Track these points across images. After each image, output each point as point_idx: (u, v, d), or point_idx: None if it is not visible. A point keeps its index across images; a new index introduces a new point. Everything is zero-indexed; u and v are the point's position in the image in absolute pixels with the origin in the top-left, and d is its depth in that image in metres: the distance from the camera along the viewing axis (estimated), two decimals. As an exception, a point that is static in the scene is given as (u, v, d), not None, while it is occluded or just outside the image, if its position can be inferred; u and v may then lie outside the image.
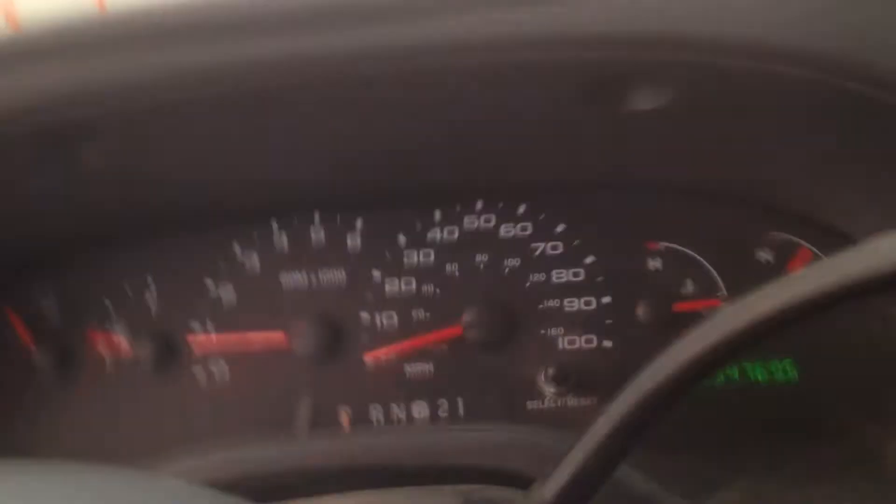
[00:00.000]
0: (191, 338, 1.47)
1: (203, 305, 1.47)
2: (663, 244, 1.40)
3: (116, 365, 1.48)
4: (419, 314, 1.43)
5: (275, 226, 1.47)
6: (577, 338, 1.39)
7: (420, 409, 1.41)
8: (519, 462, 1.04)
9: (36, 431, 1.48)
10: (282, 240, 1.47)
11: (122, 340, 1.47)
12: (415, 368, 1.42)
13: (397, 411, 1.41)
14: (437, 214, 1.44)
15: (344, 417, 1.42)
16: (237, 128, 1.18)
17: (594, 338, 1.39)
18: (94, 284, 1.49)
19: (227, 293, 1.47)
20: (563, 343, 1.39)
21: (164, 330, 1.47)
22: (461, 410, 1.40)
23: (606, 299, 1.40)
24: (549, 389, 1.36)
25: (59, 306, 1.50)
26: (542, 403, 1.38)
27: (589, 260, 1.40)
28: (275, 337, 1.44)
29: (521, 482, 1.00)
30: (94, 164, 1.22)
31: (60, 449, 1.47)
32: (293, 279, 1.46)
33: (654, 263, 1.40)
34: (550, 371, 1.35)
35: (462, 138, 1.25)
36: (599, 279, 1.40)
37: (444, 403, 1.41)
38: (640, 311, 1.38)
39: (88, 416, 1.48)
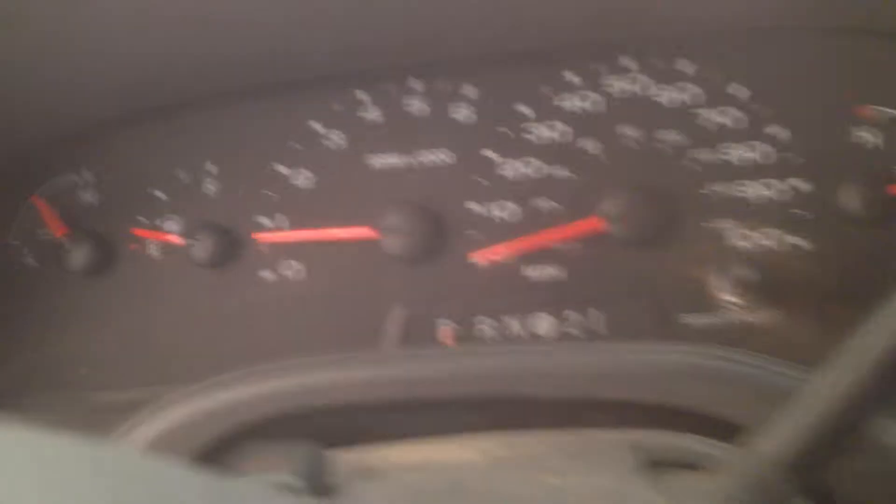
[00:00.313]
0: (258, 234, 1.17)
1: (273, 194, 1.19)
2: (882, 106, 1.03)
3: (166, 267, 1.21)
4: (546, 204, 1.11)
5: (361, 95, 1.16)
6: (757, 234, 1.05)
7: (544, 323, 1.10)
8: (712, 400, 0.71)
9: (71, 339, 1.22)
10: (370, 113, 1.16)
11: (173, 238, 1.19)
12: (538, 272, 1.11)
13: (515, 325, 1.10)
14: (570, 76, 1.11)
15: (446, 332, 1.11)
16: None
17: (781, 234, 1.05)
18: (140, 170, 1.22)
19: (304, 179, 1.18)
20: (737, 240, 1.06)
21: (225, 224, 1.19)
22: (599, 325, 1.08)
23: (799, 183, 1.05)
24: (728, 300, 1.02)
25: (99, 197, 1.23)
26: (711, 318, 1.05)
27: (775, 130, 1.05)
28: (362, 233, 1.14)
29: (714, 428, 0.70)
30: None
31: (97, 361, 1.20)
32: (385, 161, 1.15)
33: (867, 133, 1.03)
34: (734, 276, 1.01)
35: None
36: (789, 157, 1.05)
37: (575, 316, 1.09)
38: (846, 198, 1.02)
39: (130, 324, 1.21)
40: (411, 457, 0.72)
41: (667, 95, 1.09)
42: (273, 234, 1.17)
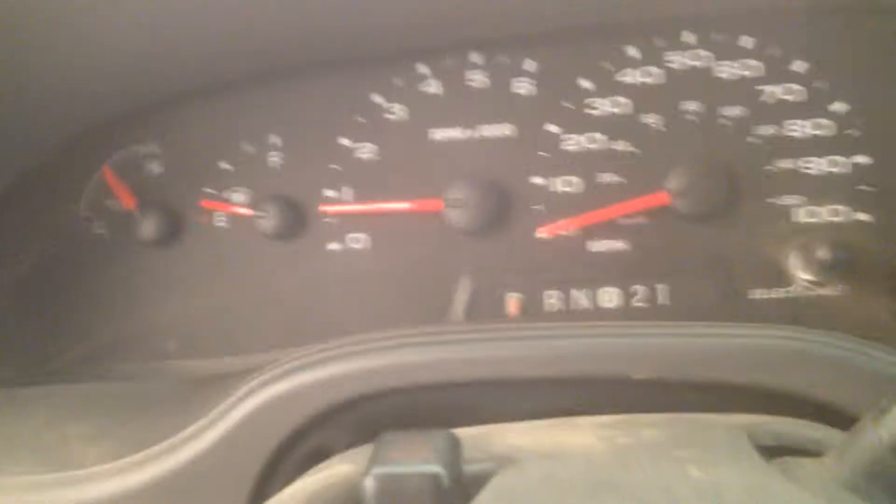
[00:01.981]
0: (323, 206, 1.20)
1: (338, 167, 1.21)
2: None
3: (234, 238, 1.24)
4: (609, 178, 1.13)
5: (423, 69, 1.18)
6: (820, 209, 1.07)
7: (609, 296, 1.12)
8: (808, 381, 0.73)
9: (143, 309, 1.26)
10: (432, 86, 1.18)
11: (239, 209, 1.21)
12: (602, 245, 1.14)
13: (582, 299, 1.13)
14: (632, 51, 1.12)
15: (512, 304, 1.14)
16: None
17: (845, 209, 1.07)
18: (207, 143, 1.24)
19: (367, 153, 1.20)
20: (800, 215, 1.08)
21: (291, 196, 1.21)
22: (662, 298, 1.10)
23: (863, 158, 1.07)
24: (798, 276, 1.05)
25: (166, 169, 1.25)
26: (780, 293, 1.07)
27: (838, 106, 1.07)
28: (426, 205, 1.17)
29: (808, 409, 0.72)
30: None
31: (172, 331, 1.24)
32: (448, 134, 1.17)
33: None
34: (803, 252, 1.03)
35: None
36: (853, 132, 1.07)
37: (640, 289, 1.11)
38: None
39: (200, 295, 1.25)
40: (533, 442, 0.71)
41: (728, 70, 1.10)
42: (339, 206, 1.20)
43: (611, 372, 0.77)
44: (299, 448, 0.84)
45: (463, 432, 0.71)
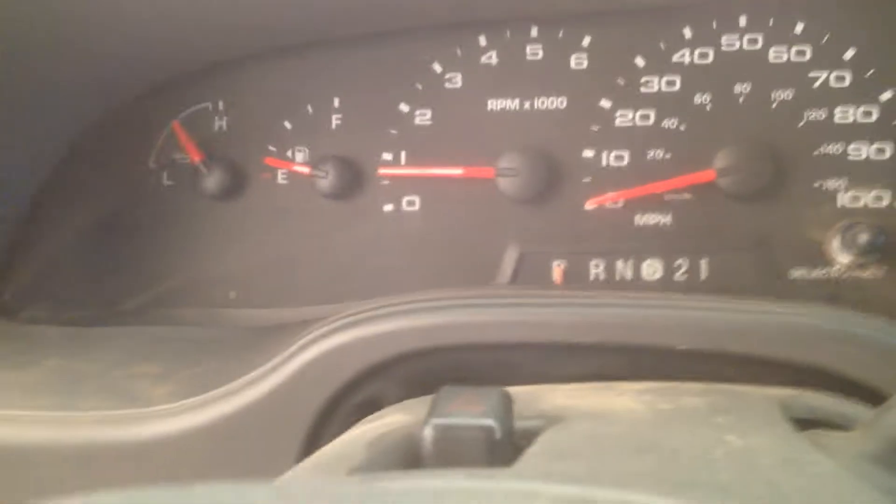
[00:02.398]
0: (380, 168, 1.25)
1: (395, 132, 1.26)
2: None
3: (291, 194, 1.30)
4: (657, 154, 1.17)
5: (483, 41, 1.22)
6: (862, 193, 1.10)
7: (652, 269, 1.17)
8: (842, 359, 0.77)
9: (202, 258, 1.33)
10: (491, 58, 1.22)
11: (299, 167, 1.27)
12: (648, 219, 1.18)
13: (623, 269, 1.17)
14: (687, 31, 1.15)
15: (557, 272, 1.18)
16: None
17: (886, 194, 1.10)
18: (272, 103, 1.29)
19: (424, 119, 1.24)
20: (843, 199, 1.11)
21: (349, 157, 1.26)
22: (703, 273, 1.14)
23: (909, 145, 1.10)
24: (838, 257, 1.08)
25: (232, 126, 1.31)
26: (819, 273, 1.11)
27: (886, 95, 1.09)
28: (479, 172, 1.21)
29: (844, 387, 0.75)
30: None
31: (233, 281, 1.30)
32: (503, 105, 1.21)
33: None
34: (845, 234, 1.07)
35: None
36: (899, 119, 1.10)
37: (682, 263, 1.15)
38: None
39: (256, 246, 1.31)
40: (579, 403, 0.74)
41: (781, 55, 1.13)
42: (395, 169, 1.25)
43: (653, 341, 0.81)
44: (352, 398, 0.89)
45: (513, 390, 0.76)
